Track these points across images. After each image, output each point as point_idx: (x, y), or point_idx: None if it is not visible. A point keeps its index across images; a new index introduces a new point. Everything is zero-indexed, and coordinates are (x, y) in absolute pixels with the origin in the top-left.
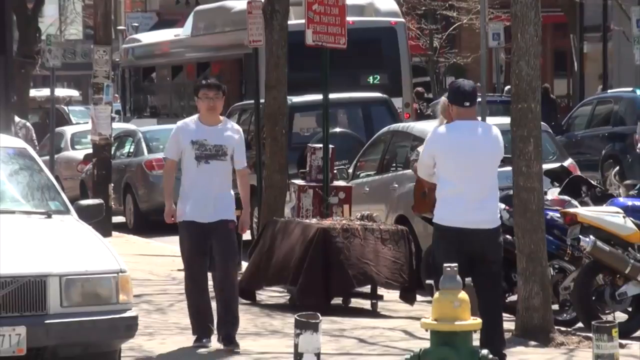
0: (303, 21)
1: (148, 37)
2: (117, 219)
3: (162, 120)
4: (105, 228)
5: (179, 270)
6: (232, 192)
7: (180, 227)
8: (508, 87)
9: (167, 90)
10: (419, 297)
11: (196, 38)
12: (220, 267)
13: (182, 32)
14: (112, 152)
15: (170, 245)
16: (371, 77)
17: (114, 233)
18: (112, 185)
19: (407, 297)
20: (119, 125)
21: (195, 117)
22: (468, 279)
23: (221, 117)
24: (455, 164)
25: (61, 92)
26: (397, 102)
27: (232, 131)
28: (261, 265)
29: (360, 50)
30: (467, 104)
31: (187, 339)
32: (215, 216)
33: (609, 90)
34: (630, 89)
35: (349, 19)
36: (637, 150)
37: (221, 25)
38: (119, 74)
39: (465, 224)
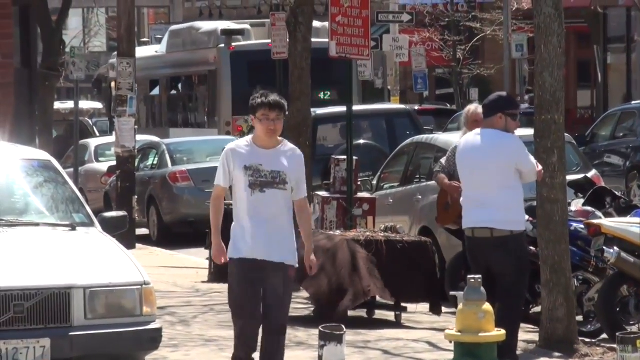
0: (264, 41)
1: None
2: (141, 231)
3: (140, 131)
4: (129, 240)
5: (203, 282)
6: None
7: (230, 267)
8: (528, 95)
9: (147, 103)
10: (443, 309)
11: (170, 55)
12: (269, 329)
13: (159, 49)
14: (136, 164)
15: (194, 257)
16: (322, 93)
17: (137, 245)
18: (136, 197)
19: (433, 308)
20: (143, 138)
21: (248, 138)
22: None
23: (279, 138)
24: (462, 172)
25: (85, 104)
26: None
27: (292, 155)
28: None
29: (315, 67)
30: (483, 115)
31: (211, 351)
32: (272, 255)
33: (632, 102)
34: None
35: None
36: None
37: (190, 43)
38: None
39: (467, 224)
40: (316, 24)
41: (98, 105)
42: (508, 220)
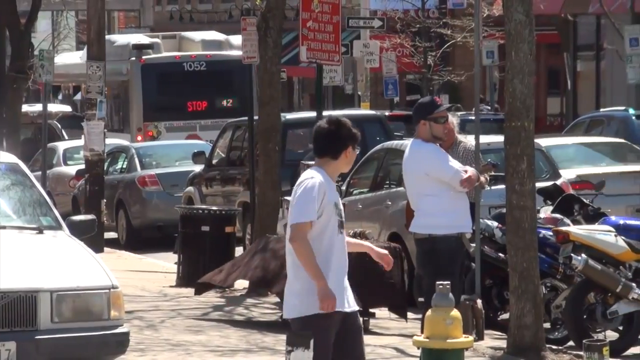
0: (174, 53)
1: (61, 59)
2: (110, 235)
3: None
4: (97, 244)
5: (171, 286)
6: None
7: (316, 320)
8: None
9: (71, 106)
10: (411, 315)
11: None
12: None
13: (81, 56)
14: (105, 168)
15: (162, 261)
16: (224, 101)
17: (106, 249)
18: (105, 201)
19: (399, 312)
20: (112, 141)
21: (320, 171)
22: (464, 296)
23: None
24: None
25: (54, 107)
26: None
27: None
28: (249, 270)
29: (217, 78)
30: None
31: (178, 355)
32: (351, 304)
33: (601, 109)
34: (623, 108)
35: (208, 52)
36: None
37: (106, 55)
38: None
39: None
40: (219, 36)
41: (67, 108)
42: (427, 225)
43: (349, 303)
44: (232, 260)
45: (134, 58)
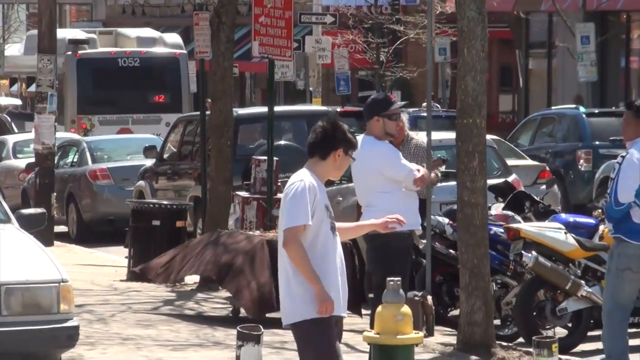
0: (109, 49)
1: (10, 51)
2: (60, 229)
3: None
4: (47, 237)
5: (122, 280)
6: None
7: (313, 326)
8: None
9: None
10: (362, 311)
11: (26, 57)
12: None
13: (19, 49)
14: (56, 161)
15: (113, 255)
16: (157, 96)
17: (56, 242)
18: (55, 194)
19: (353, 308)
20: (63, 135)
21: (309, 172)
22: (412, 293)
23: None
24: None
25: (3, 100)
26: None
27: None
28: (200, 264)
29: (150, 74)
30: (364, 119)
31: (129, 349)
32: (344, 308)
33: (552, 107)
34: (574, 105)
35: (142, 49)
36: (580, 167)
37: None
38: None
39: None
40: (154, 33)
41: (17, 101)
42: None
43: (342, 307)
44: (182, 251)
45: (69, 52)
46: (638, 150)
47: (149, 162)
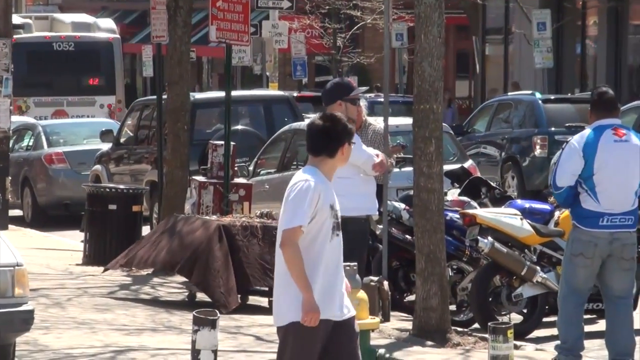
0: (44, 33)
1: None
2: (15, 213)
3: None
4: (1, 221)
5: (77, 264)
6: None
7: (299, 329)
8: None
9: None
10: None
11: None
12: None
13: None
14: (11, 145)
15: (69, 239)
16: (91, 79)
17: (10, 226)
18: (10, 178)
19: None
20: (19, 119)
21: (316, 171)
22: (368, 278)
23: None
24: None
25: None
26: (112, 100)
27: None
28: (149, 248)
29: (85, 58)
30: (324, 104)
31: (84, 334)
32: (343, 312)
33: (509, 93)
34: (530, 92)
35: (76, 33)
36: (536, 153)
37: None
38: None
39: None
40: (89, 18)
41: None
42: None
43: (341, 310)
44: (139, 241)
45: None
46: (580, 136)
47: (106, 146)
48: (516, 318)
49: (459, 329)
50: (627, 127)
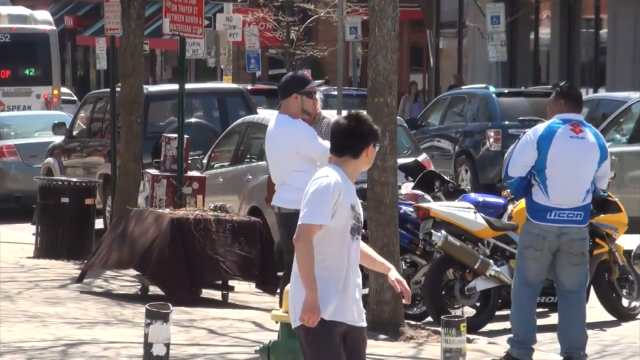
0: None
1: None
2: None
3: None
4: None
5: (28, 257)
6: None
7: (314, 331)
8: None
9: None
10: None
11: None
12: None
13: None
14: None
15: (20, 232)
16: (27, 70)
17: None
18: None
19: (266, 288)
20: None
21: (339, 170)
22: None
23: None
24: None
25: None
26: (48, 90)
27: None
28: (108, 250)
29: (21, 49)
30: (280, 97)
31: (35, 327)
32: (359, 318)
33: (462, 87)
34: (484, 85)
35: (13, 25)
36: (489, 147)
37: None
38: None
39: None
40: (25, 11)
41: None
42: (295, 200)
43: (355, 316)
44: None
45: None
46: (537, 128)
47: (58, 139)
48: (469, 311)
49: (412, 323)
50: (587, 124)
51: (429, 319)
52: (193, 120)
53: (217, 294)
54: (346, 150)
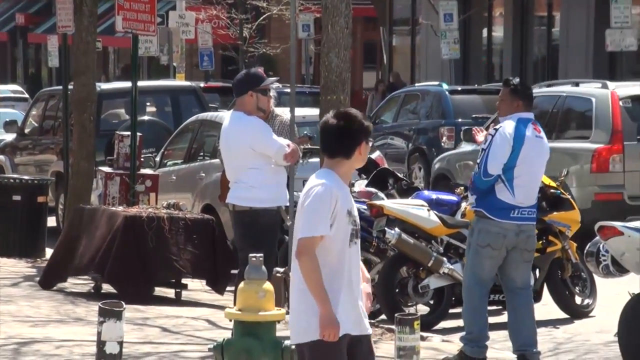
0: None
1: None
2: None
3: None
4: None
5: None
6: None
7: (321, 347)
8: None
9: None
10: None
11: None
12: None
13: None
14: None
15: None
16: None
17: None
18: None
19: (216, 287)
20: None
21: (331, 174)
22: (274, 269)
23: None
24: (221, 152)
25: None
26: None
27: None
28: (66, 254)
29: None
30: (234, 94)
31: None
32: (363, 326)
33: (416, 84)
34: (437, 82)
35: None
36: (442, 144)
37: None
38: None
39: (227, 199)
40: None
41: None
42: (249, 197)
43: (359, 325)
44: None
45: None
46: (509, 126)
47: (10, 137)
48: (423, 309)
49: None
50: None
51: (383, 316)
52: (146, 118)
53: (170, 292)
54: (338, 151)
